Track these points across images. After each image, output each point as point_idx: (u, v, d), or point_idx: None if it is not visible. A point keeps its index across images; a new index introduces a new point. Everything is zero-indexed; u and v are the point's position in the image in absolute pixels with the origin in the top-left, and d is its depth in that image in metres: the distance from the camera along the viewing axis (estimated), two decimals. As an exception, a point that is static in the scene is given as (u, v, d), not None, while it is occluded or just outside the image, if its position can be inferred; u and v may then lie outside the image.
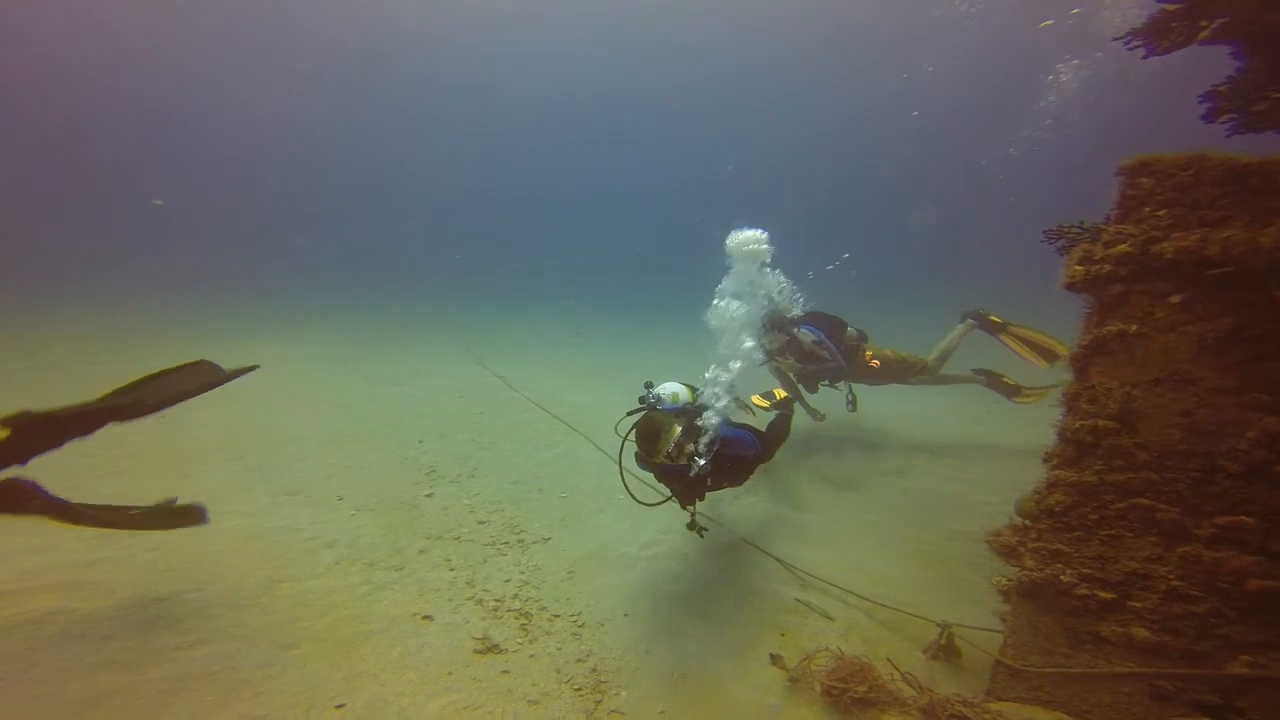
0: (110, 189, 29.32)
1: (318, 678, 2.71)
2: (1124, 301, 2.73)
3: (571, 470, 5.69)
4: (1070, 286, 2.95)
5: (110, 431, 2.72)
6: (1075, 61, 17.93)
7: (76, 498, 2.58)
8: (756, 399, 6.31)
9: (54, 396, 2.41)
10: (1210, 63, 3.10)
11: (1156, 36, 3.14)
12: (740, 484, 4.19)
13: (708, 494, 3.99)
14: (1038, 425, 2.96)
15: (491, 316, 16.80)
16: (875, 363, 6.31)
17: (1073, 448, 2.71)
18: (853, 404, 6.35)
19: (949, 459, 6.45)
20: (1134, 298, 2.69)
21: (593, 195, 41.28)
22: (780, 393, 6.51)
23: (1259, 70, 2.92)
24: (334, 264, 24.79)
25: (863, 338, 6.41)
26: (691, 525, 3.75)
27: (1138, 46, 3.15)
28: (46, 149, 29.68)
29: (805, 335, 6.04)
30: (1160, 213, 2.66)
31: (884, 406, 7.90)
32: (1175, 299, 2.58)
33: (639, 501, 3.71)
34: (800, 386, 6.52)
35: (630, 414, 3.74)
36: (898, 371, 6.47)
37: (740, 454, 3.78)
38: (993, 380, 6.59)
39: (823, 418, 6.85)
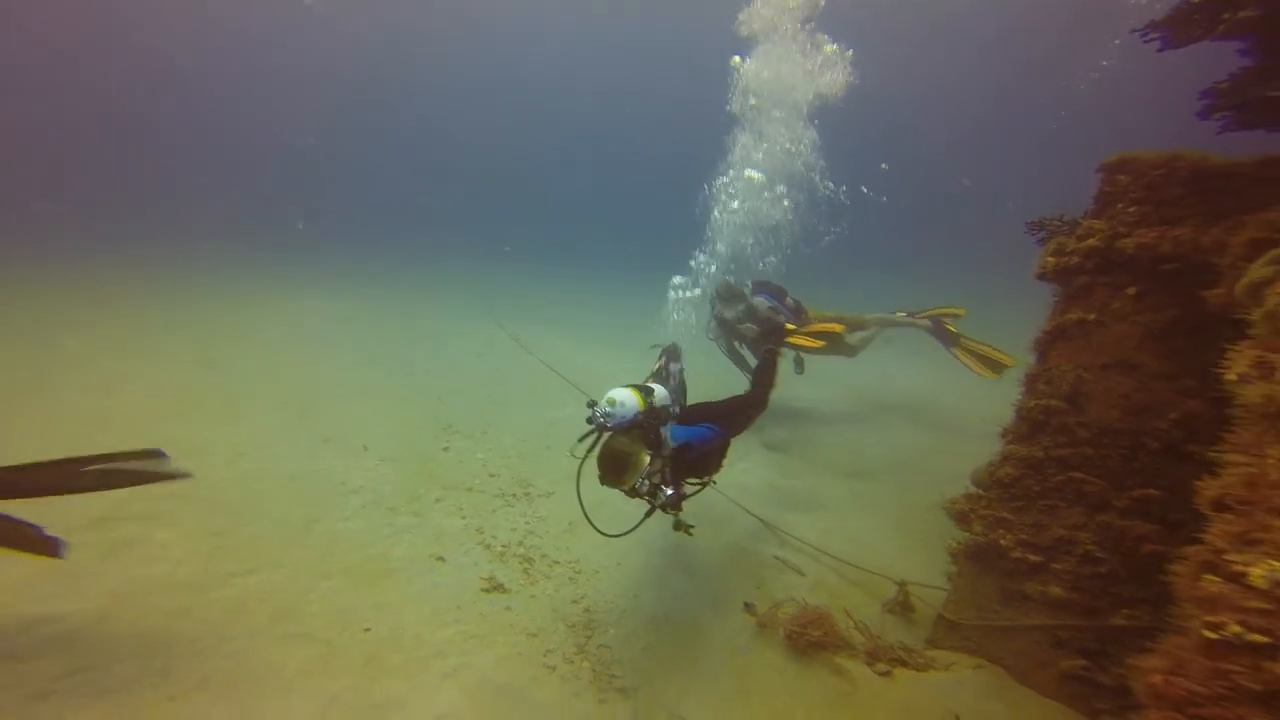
0: (148, 147, 29.81)
1: (348, 605, 3.17)
2: (1088, 292, 2.88)
3: (578, 430, 6.01)
4: (1041, 276, 3.10)
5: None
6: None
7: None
8: (803, 340, 6.20)
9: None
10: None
11: (1176, 29, 3.04)
12: (719, 465, 3.90)
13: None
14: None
15: (513, 279, 17.12)
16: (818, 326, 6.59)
17: (1027, 425, 2.94)
18: (800, 366, 6.68)
19: (940, 433, 6.66)
20: (1097, 289, 2.85)
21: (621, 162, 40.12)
22: (828, 327, 6.44)
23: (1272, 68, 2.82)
24: (375, 223, 25.21)
25: (800, 306, 6.64)
26: (678, 526, 3.53)
27: (1154, 39, 3.10)
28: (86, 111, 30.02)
29: (761, 302, 6.32)
30: (1130, 209, 2.78)
31: (881, 380, 8.06)
32: (1132, 291, 2.73)
33: (604, 534, 3.32)
34: (747, 353, 6.74)
35: (583, 439, 3.39)
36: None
37: (705, 449, 3.56)
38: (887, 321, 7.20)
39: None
